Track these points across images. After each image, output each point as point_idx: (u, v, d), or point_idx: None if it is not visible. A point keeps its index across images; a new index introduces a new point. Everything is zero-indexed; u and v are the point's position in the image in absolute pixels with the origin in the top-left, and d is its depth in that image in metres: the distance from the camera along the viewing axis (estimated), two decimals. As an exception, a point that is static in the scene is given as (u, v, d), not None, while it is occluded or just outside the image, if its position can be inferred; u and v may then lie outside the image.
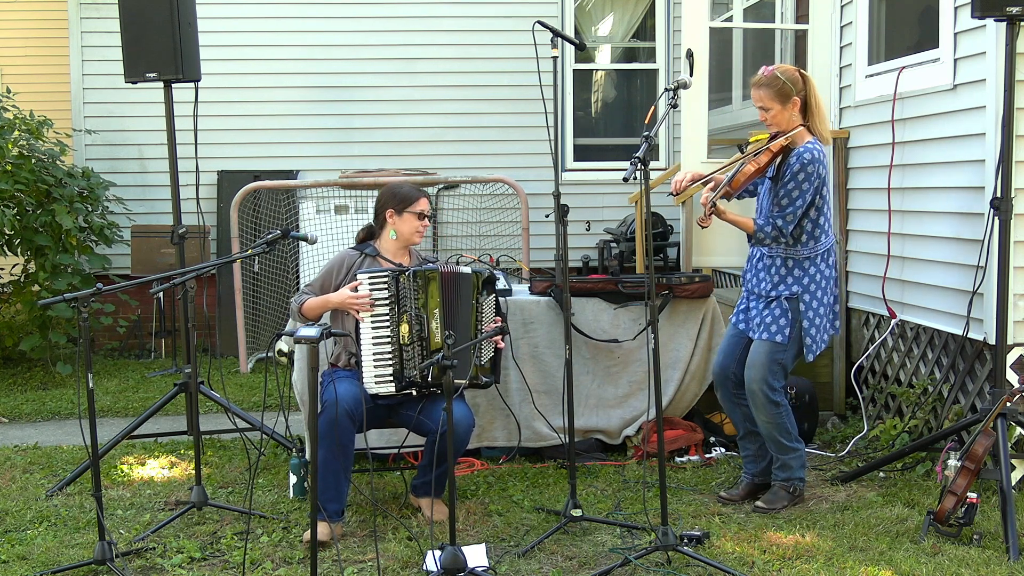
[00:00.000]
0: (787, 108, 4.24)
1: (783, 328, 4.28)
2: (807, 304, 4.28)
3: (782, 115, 4.25)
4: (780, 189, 4.22)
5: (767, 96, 4.24)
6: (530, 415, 5.02)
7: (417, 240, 4.42)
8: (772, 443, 4.40)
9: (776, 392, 4.33)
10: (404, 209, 4.36)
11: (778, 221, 4.20)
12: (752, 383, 4.33)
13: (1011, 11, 4.11)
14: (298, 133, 8.35)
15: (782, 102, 4.24)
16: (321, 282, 4.37)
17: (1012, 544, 3.80)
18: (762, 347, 4.32)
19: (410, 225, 4.37)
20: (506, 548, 3.99)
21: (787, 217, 4.20)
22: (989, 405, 4.21)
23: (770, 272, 4.34)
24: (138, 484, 4.90)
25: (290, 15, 8.32)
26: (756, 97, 4.30)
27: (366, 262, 4.38)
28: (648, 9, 8.76)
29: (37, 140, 7.26)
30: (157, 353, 8.25)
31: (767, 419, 4.34)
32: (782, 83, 4.22)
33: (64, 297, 3.71)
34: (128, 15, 5.15)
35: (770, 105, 4.24)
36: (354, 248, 4.48)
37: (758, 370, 4.31)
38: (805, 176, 4.17)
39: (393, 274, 4.15)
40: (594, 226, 8.37)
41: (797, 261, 4.29)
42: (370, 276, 4.16)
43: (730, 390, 4.52)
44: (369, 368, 4.13)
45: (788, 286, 4.29)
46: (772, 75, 4.25)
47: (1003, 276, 4.26)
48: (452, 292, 4.22)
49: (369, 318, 4.14)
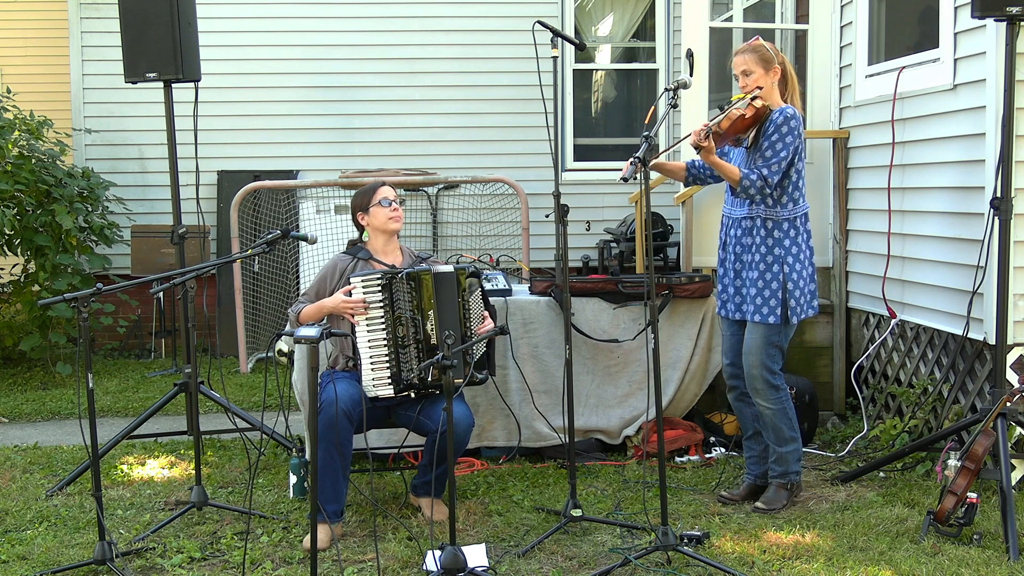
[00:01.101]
0: (768, 75, 4.32)
1: (774, 309, 4.29)
2: (791, 266, 4.29)
3: (763, 79, 4.32)
4: (763, 142, 4.26)
5: (751, 60, 4.33)
6: (530, 415, 5.02)
7: (395, 227, 4.41)
8: (773, 432, 4.40)
9: (776, 376, 4.34)
10: (368, 205, 4.38)
11: (763, 171, 4.23)
12: (751, 368, 4.34)
13: (1011, 11, 4.11)
14: (298, 133, 8.34)
15: (764, 67, 4.32)
16: (316, 289, 4.37)
17: (1012, 544, 3.80)
18: (757, 331, 4.33)
19: (380, 216, 4.38)
20: (506, 548, 3.99)
21: (772, 167, 4.22)
22: (989, 405, 4.22)
23: (751, 233, 4.34)
24: (138, 484, 4.90)
25: (290, 15, 8.32)
26: (739, 62, 4.36)
27: (359, 265, 4.38)
28: (648, 9, 8.75)
29: (37, 140, 7.25)
30: (157, 353, 8.25)
31: (769, 404, 4.35)
32: (765, 50, 4.34)
33: (64, 297, 3.71)
34: (128, 15, 5.15)
35: (753, 69, 4.32)
36: (346, 252, 4.48)
37: (755, 355, 4.33)
38: (788, 129, 4.23)
39: (385, 276, 4.14)
40: (594, 226, 8.36)
41: (777, 223, 4.30)
42: (363, 279, 4.16)
43: (742, 387, 4.52)
44: (367, 372, 4.12)
45: (770, 248, 4.30)
46: (758, 42, 4.37)
47: (1003, 276, 4.26)
48: (441, 292, 4.22)
49: (364, 321, 4.14)
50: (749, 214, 4.35)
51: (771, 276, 4.30)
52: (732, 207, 4.46)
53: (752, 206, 4.33)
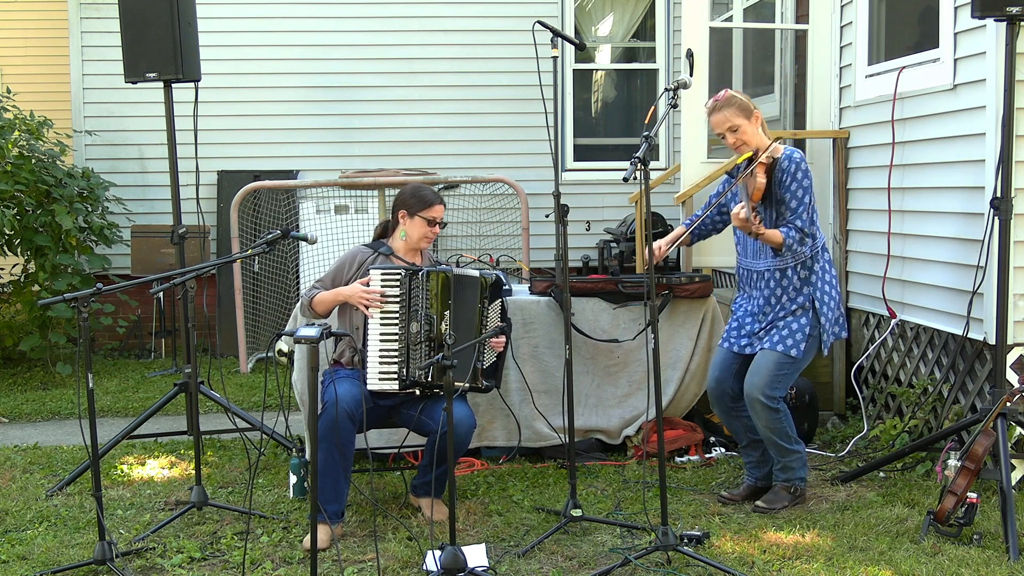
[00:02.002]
0: (752, 122, 4.26)
1: (799, 343, 4.26)
2: (820, 301, 4.29)
3: (751, 129, 4.26)
4: (783, 193, 4.22)
5: (733, 114, 4.24)
6: (530, 415, 5.02)
7: (424, 245, 4.42)
8: (773, 447, 4.40)
9: (775, 400, 4.30)
10: (416, 212, 4.36)
11: (796, 223, 4.20)
12: (752, 389, 4.29)
13: (1011, 11, 4.11)
14: (298, 133, 8.35)
15: (747, 117, 4.25)
16: (332, 277, 4.37)
17: (1012, 544, 3.80)
18: (771, 357, 4.28)
19: (419, 230, 4.37)
20: (506, 548, 3.99)
21: (803, 216, 4.21)
22: (989, 405, 4.22)
23: (782, 284, 4.31)
24: (138, 484, 4.90)
25: (290, 15, 8.32)
26: (720, 120, 4.26)
27: (379, 260, 4.39)
28: (648, 9, 8.76)
29: (37, 140, 7.26)
30: (157, 353, 8.25)
31: (766, 425, 4.32)
32: (740, 100, 4.26)
33: (64, 297, 3.71)
34: (128, 15, 5.15)
35: (738, 122, 4.23)
36: (367, 245, 4.49)
37: (761, 377, 4.27)
38: (803, 174, 4.21)
39: (407, 272, 4.16)
40: (594, 226, 8.37)
41: (803, 264, 4.29)
42: (383, 272, 4.17)
43: (727, 404, 4.50)
44: (374, 364, 4.12)
45: (799, 290, 4.29)
46: (728, 95, 4.28)
47: (1003, 276, 4.26)
48: (460, 295, 4.22)
49: (378, 314, 4.14)
50: (777, 265, 4.31)
51: (802, 313, 4.29)
52: (751, 259, 4.41)
53: (776, 257, 4.29)
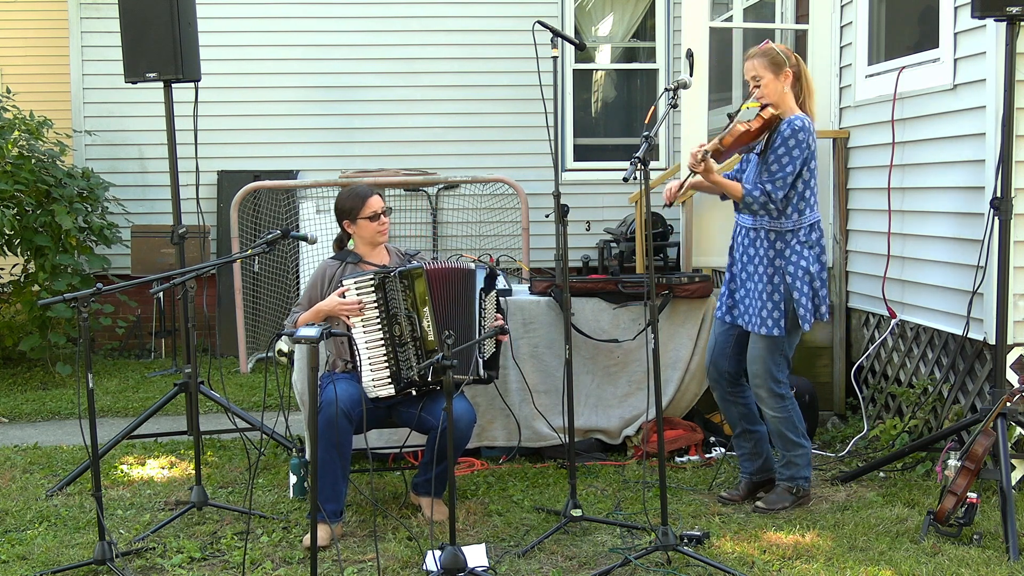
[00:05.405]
0: (779, 79, 4.24)
1: (778, 320, 4.25)
2: (792, 276, 4.24)
3: (774, 85, 4.24)
4: (770, 155, 4.20)
5: (760, 65, 4.25)
6: (530, 415, 5.02)
7: (382, 240, 4.41)
8: (779, 438, 4.39)
9: (781, 385, 4.32)
10: (357, 216, 4.34)
11: (767, 186, 4.18)
12: (755, 378, 4.32)
13: (1011, 11, 4.11)
14: (298, 133, 8.35)
15: (775, 72, 4.23)
16: (308, 297, 4.36)
17: (1012, 544, 3.80)
18: (761, 343, 4.30)
19: (368, 229, 4.36)
20: (506, 548, 3.99)
21: (776, 182, 4.17)
22: (989, 405, 4.22)
23: (755, 244, 4.31)
24: (138, 484, 4.90)
25: (290, 15, 8.32)
26: (748, 68, 4.29)
27: (348, 268, 4.36)
28: (648, 9, 8.75)
29: (37, 140, 7.25)
30: (157, 353, 8.25)
31: (774, 413, 4.33)
32: (775, 53, 4.25)
33: (64, 297, 3.71)
34: (128, 15, 5.15)
35: (763, 74, 4.24)
36: (333, 257, 4.46)
37: (760, 365, 4.30)
38: (796, 143, 4.16)
39: (378, 276, 4.15)
40: (594, 226, 8.36)
41: (780, 234, 4.26)
42: (356, 281, 4.16)
43: (725, 388, 4.51)
44: (367, 373, 4.12)
45: (771, 260, 4.26)
46: (767, 46, 4.29)
47: (1003, 276, 4.26)
48: (444, 289, 4.22)
49: (360, 323, 4.14)
50: (753, 225, 4.32)
51: (772, 288, 4.26)
52: (740, 215, 4.43)
53: (756, 217, 4.29)
